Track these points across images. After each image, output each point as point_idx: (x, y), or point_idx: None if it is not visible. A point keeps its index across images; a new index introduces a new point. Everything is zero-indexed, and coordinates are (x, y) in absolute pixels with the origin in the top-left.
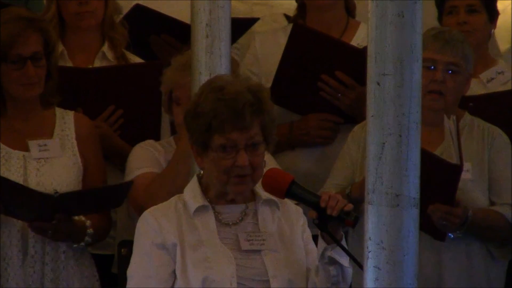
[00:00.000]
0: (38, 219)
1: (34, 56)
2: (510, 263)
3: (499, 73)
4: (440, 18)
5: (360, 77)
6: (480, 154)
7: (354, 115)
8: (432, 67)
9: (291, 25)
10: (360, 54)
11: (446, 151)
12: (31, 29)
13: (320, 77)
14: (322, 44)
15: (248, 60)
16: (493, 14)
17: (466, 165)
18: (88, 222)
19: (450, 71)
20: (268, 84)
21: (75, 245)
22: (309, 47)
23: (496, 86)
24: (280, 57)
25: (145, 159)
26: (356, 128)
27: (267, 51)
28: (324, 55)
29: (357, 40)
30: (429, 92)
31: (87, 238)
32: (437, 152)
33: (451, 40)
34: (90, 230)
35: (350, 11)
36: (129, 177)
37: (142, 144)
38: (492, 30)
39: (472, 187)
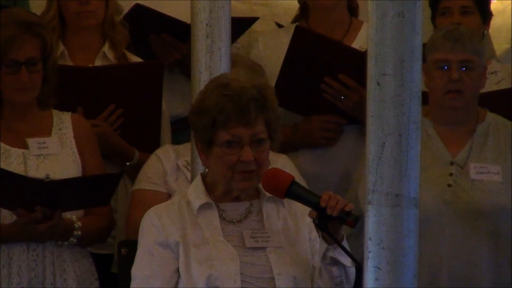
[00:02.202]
0: (25, 205)
1: (29, 62)
2: None
3: (492, 73)
4: (433, 19)
5: (363, 79)
6: (510, 156)
7: (357, 116)
8: (446, 67)
9: (293, 26)
10: (362, 57)
11: (473, 151)
12: (28, 34)
13: (323, 79)
14: (324, 46)
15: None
16: (486, 15)
17: (496, 168)
18: (77, 224)
19: (464, 68)
20: (272, 84)
21: (59, 242)
22: (311, 49)
23: (489, 86)
24: (283, 57)
25: (147, 172)
26: None
27: (270, 51)
28: (327, 58)
29: (361, 39)
30: (447, 92)
31: (72, 239)
32: (463, 152)
33: (460, 38)
34: (77, 232)
35: (353, 10)
36: (133, 185)
37: (157, 150)
38: (486, 31)
39: (502, 190)
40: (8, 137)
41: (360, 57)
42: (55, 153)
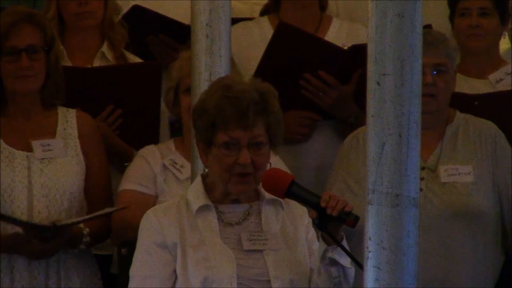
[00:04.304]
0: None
1: (29, 49)
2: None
3: (508, 74)
4: (452, 18)
5: (343, 77)
6: (480, 155)
7: (334, 113)
8: None
9: (263, 18)
10: (345, 55)
11: (443, 154)
12: (26, 22)
13: (302, 76)
14: (306, 43)
15: None
16: (505, 16)
17: (467, 168)
18: (86, 230)
19: (436, 72)
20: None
21: (69, 250)
22: (293, 46)
23: (505, 87)
24: (252, 49)
25: (136, 173)
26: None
27: (238, 44)
28: (308, 55)
29: (331, 35)
30: None
31: (81, 246)
32: (434, 155)
33: (433, 42)
34: (86, 239)
35: (322, 6)
36: (120, 186)
37: (142, 151)
38: (504, 32)
39: (474, 191)
40: (12, 139)
41: (341, 55)
42: (59, 155)
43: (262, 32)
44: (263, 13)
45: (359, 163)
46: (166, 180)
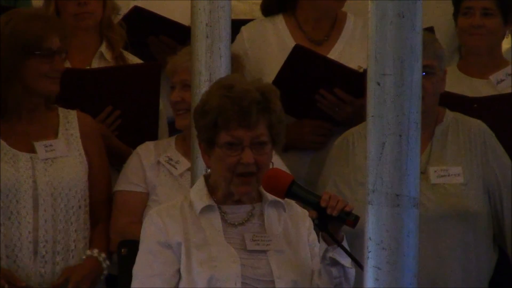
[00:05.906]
0: None
1: (59, 51)
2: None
3: (509, 74)
4: (455, 17)
5: (358, 94)
6: (470, 155)
7: (351, 124)
8: None
9: (278, 16)
10: (360, 77)
11: (432, 155)
12: (53, 28)
13: (317, 91)
14: (321, 65)
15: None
16: (508, 16)
17: (457, 169)
18: (106, 263)
19: (424, 73)
20: (256, 76)
21: None
22: (308, 67)
23: (506, 88)
24: (266, 48)
25: (127, 171)
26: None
27: (255, 43)
28: (323, 75)
29: (347, 31)
30: None
31: (104, 271)
32: (424, 156)
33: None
34: (105, 272)
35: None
36: (115, 185)
37: (138, 148)
38: (507, 32)
39: (464, 192)
40: (16, 141)
41: (357, 76)
42: (63, 155)
43: (277, 31)
44: (269, 11)
45: (350, 165)
46: (159, 176)
